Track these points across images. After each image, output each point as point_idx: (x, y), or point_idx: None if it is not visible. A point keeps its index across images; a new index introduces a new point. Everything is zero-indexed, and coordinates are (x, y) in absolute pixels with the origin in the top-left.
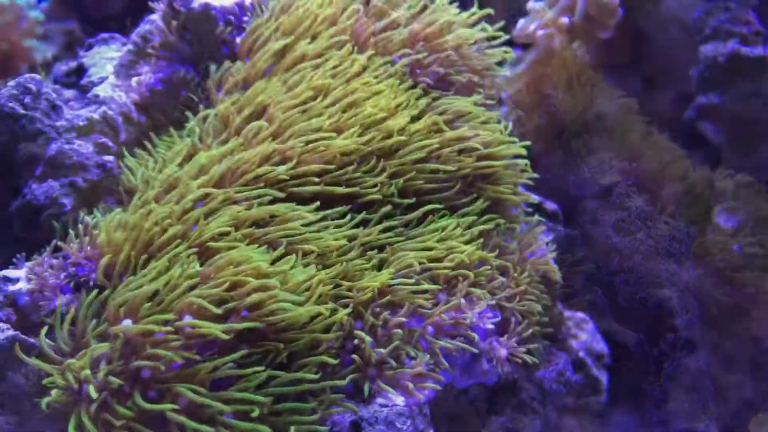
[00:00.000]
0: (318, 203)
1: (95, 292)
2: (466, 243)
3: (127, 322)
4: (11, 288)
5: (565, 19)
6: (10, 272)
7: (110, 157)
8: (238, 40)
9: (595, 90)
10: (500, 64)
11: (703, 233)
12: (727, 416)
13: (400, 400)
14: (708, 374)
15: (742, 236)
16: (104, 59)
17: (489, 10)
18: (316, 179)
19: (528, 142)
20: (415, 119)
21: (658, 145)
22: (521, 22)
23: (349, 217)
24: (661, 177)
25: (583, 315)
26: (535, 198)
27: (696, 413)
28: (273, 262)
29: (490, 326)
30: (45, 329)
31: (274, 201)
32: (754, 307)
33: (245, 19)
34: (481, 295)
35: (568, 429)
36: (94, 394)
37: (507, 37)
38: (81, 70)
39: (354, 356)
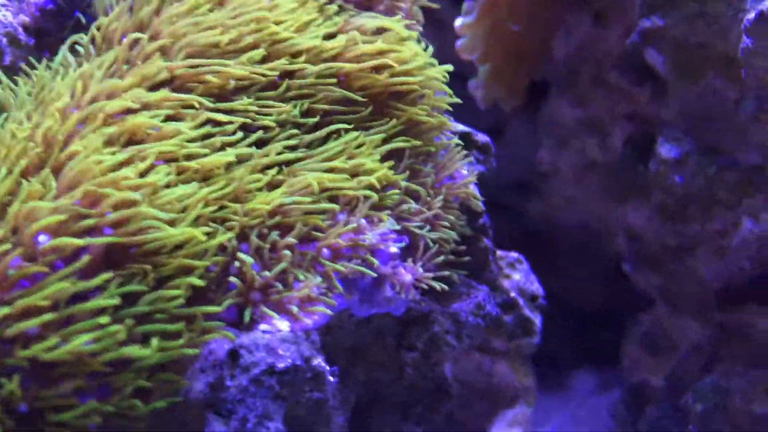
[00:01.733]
0: (205, 121)
1: None
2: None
3: None
4: None
5: None
6: None
7: None
8: None
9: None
10: None
11: (648, 169)
12: (677, 363)
13: (284, 325)
14: (660, 324)
15: (685, 167)
16: None
17: None
18: (208, 103)
19: (449, 66)
20: (329, 38)
21: (606, 86)
22: None
23: (241, 134)
24: (610, 119)
25: (518, 255)
26: (461, 127)
27: (650, 366)
28: (142, 176)
29: (395, 250)
30: None
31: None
32: (698, 245)
33: None
34: (384, 216)
35: (500, 375)
36: None
37: None
38: None
39: (234, 279)
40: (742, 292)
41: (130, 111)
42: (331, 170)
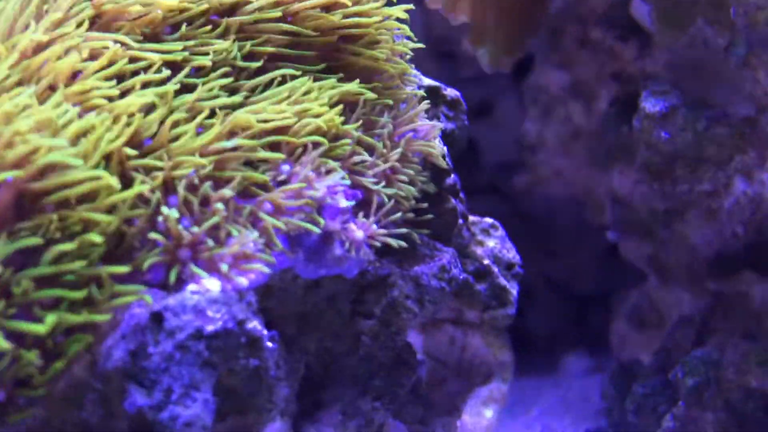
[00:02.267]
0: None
1: None
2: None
3: None
4: None
5: None
6: None
7: None
8: None
9: None
10: None
11: (632, 128)
12: (666, 336)
13: (215, 285)
14: (649, 297)
15: (671, 122)
16: None
17: None
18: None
19: (410, 5)
20: None
21: (592, 46)
22: None
23: (168, 73)
24: (596, 81)
25: (492, 220)
26: (429, 81)
27: (639, 343)
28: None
29: (345, 204)
30: None
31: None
32: (688, 208)
33: None
34: (335, 167)
35: (473, 349)
36: None
37: None
38: None
39: (155, 235)
40: (737, 259)
41: (42, 48)
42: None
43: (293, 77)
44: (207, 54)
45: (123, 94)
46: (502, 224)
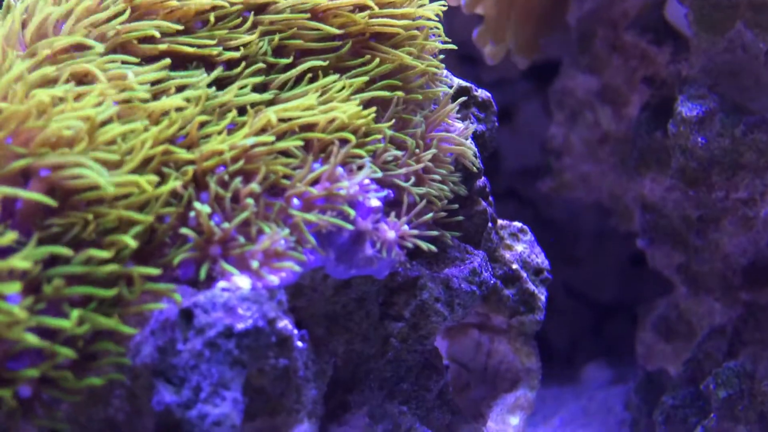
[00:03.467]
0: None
1: None
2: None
3: None
4: None
5: None
6: None
7: None
8: None
9: None
10: None
11: (667, 134)
12: (696, 347)
13: (245, 282)
14: (677, 307)
15: (708, 127)
16: None
17: None
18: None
19: (444, 3)
20: None
21: (623, 50)
22: None
23: (201, 71)
24: (627, 86)
25: (521, 224)
26: (458, 80)
27: (666, 353)
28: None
29: (376, 203)
30: None
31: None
32: (723, 216)
33: None
34: (364, 162)
35: (500, 355)
36: None
37: None
38: None
39: (187, 231)
40: None
41: (79, 48)
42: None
43: (323, 71)
44: (237, 49)
45: (158, 93)
46: None
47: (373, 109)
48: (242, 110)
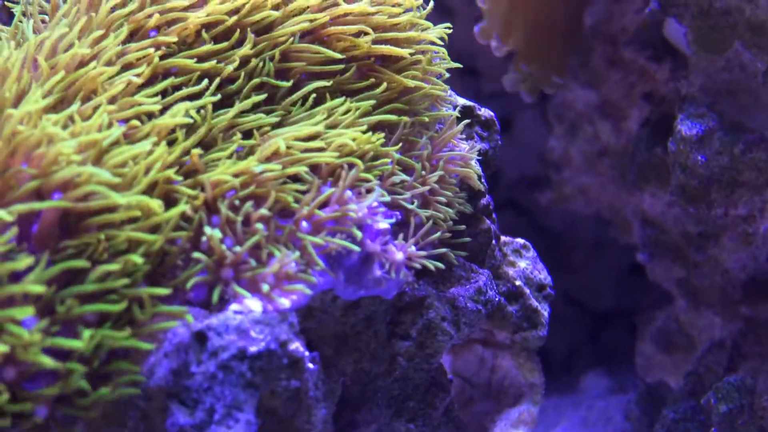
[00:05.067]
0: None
1: None
2: (364, 134)
3: None
4: None
5: None
6: None
7: None
8: None
9: None
10: None
11: (667, 151)
12: (696, 361)
13: (257, 305)
14: (677, 320)
15: (708, 145)
16: None
17: None
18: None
19: (449, 25)
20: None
21: (622, 65)
22: None
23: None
24: (625, 100)
25: (524, 241)
26: (463, 100)
27: (666, 366)
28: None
29: (384, 225)
30: None
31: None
32: (723, 232)
33: None
34: (373, 186)
35: (504, 370)
36: None
37: None
38: None
39: (199, 255)
40: None
41: (84, 64)
42: (311, 138)
43: (329, 91)
44: (239, 67)
45: (164, 108)
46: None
47: (382, 135)
48: (248, 131)
